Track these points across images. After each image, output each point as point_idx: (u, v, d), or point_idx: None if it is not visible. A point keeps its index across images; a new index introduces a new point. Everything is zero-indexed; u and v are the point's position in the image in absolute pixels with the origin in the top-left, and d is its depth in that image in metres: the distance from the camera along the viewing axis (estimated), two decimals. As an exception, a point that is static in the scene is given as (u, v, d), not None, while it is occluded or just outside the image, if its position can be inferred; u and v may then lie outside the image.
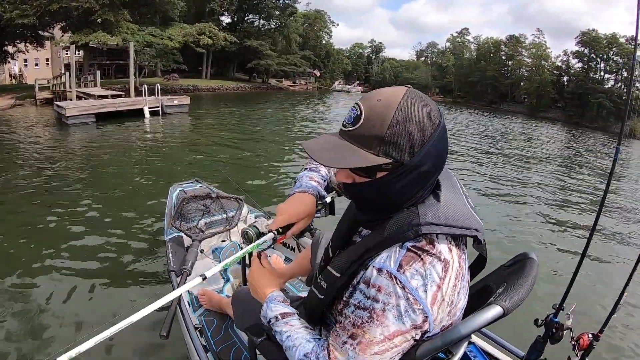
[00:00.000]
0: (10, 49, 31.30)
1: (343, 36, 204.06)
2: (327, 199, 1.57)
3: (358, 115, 1.01)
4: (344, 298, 1.16)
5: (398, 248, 1.03)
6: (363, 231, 1.26)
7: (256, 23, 55.40)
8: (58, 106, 16.46)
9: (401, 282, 0.98)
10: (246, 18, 54.13)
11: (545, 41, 69.16)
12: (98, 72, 26.35)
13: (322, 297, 1.24)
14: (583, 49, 62.36)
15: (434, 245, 1.02)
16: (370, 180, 1.05)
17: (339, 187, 1.56)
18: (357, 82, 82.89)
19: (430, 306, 0.99)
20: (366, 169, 1.03)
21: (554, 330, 2.01)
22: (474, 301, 1.25)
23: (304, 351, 1.15)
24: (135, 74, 25.70)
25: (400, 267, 0.99)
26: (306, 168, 1.63)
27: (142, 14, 32.28)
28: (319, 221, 1.54)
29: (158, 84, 20.70)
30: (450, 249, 1.04)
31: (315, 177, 1.57)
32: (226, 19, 53.33)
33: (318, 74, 70.78)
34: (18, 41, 29.63)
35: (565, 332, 1.98)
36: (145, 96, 18.80)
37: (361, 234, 1.26)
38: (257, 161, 11.50)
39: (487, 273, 1.46)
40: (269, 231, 1.37)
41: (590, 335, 1.92)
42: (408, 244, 1.02)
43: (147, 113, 18.27)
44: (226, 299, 2.63)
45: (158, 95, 19.39)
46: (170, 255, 3.02)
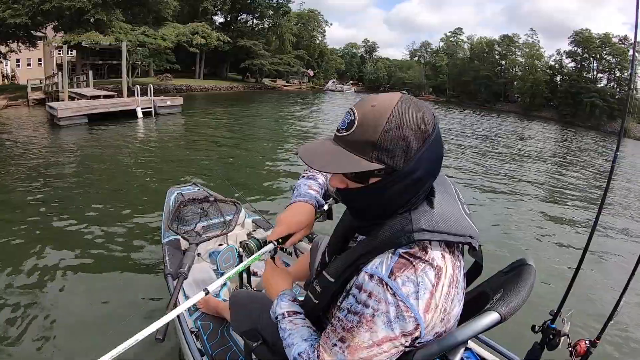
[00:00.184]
0: (2, 49, 30.90)
1: (337, 36, 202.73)
2: (325, 207, 1.55)
3: (352, 120, 1.01)
4: (338, 303, 1.18)
5: (390, 254, 1.03)
6: (359, 237, 1.25)
7: (249, 23, 55.18)
8: (50, 107, 16.33)
9: (392, 289, 0.97)
10: (239, 18, 53.87)
11: (538, 41, 69.38)
12: (91, 72, 26.13)
13: (317, 302, 1.26)
14: (576, 49, 62.42)
15: (427, 252, 1.02)
16: (363, 186, 1.05)
17: (336, 194, 1.53)
18: (351, 82, 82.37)
19: (422, 313, 0.98)
20: (359, 175, 1.04)
21: (551, 336, 2.02)
22: (471, 307, 1.26)
23: (299, 350, 1.17)
24: (128, 74, 25.51)
25: (391, 274, 0.99)
26: (304, 175, 1.62)
27: (135, 14, 32.02)
28: (318, 225, 1.58)
29: (151, 84, 20.56)
30: (443, 256, 1.04)
31: (313, 186, 1.56)
32: (219, 19, 53.07)
33: (312, 74, 70.29)
34: (10, 41, 29.21)
35: (562, 339, 1.99)
36: (137, 97, 18.63)
37: (357, 240, 1.26)
38: (252, 162, 11.51)
39: (484, 279, 1.47)
40: (269, 242, 1.36)
41: (587, 341, 1.95)
42: (400, 251, 1.02)
43: (140, 114, 18.13)
44: (223, 303, 2.61)
45: (151, 95, 19.24)
46: (167, 258, 2.98)
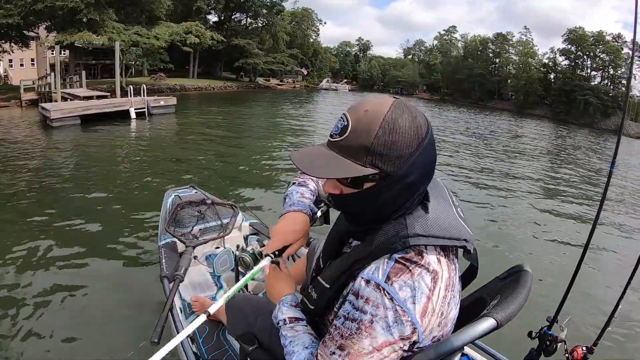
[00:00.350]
0: (-5, 50, 30.87)
1: (331, 34, 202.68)
2: (318, 214, 1.55)
3: (345, 125, 1.01)
4: (335, 309, 1.18)
5: (386, 260, 1.03)
6: (353, 242, 1.25)
7: (243, 21, 55.22)
8: (43, 108, 16.21)
9: (389, 294, 0.97)
10: (233, 17, 53.81)
11: (532, 39, 69.80)
12: (84, 73, 25.96)
13: (313, 308, 1.26)
14: (570, 47, 62.96)
15: (423, 256, 1.02)
16: (357, 191, 1.05)
17: (328, 200, 1.55)
18: (345, 81, 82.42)
19: (419, 318, 0.98)
20: (353, 180, 1.04)
21: (548, 342, 2.01)
22: (468, 313, 1.26)
23: (299, 358, 1.16)
24: (121, 74, 25.42)
25: (388, 279, 0.99)
26: (294, 182, 1.61)
27: (128, 13, 31.95)
28: (315, 229, 1.56)
29: (144, 84, 20.34)
30: (439, 260, 1.04)
31: (306, 193, 1.55)
32: (213, 18, 53.20)
33: (305, 73, 70.30)
34: (3, 41, 28.97)
35: (559, 345, 1.99)
36: (130, 97, 18.49)
37: (351, 245, 1.26)
38: (248, 162, 11.51)
39: (480, 283, 1.46)
40: (265, 255, 1.34)
41: (584, 348, 1.95)
42: (396, 256, 1.02)
43: (133, 114, 17.98)
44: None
45: (144, 95, 19.09)
46: (163, 260, 2.97)
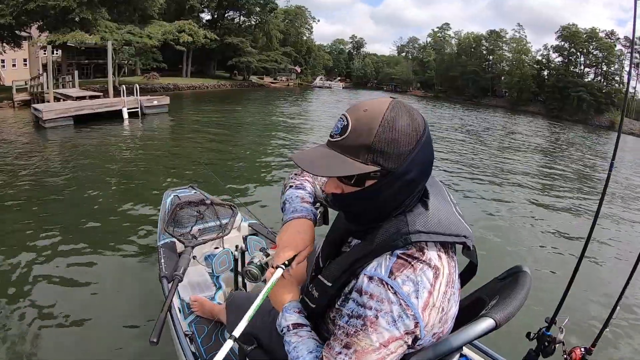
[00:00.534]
0: (-13, 50, 30.64)
1: (324, 32, 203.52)
2: (317, 212, 1.52)
3: (345, 125, 1.04)
4: (336, 306, 1.18)
5: (388, 256, 1.05)
6: (352, 241, 1.27)
7: (236, 20, 55.12)
8: (35, 109, 16.12)
9: (393, 288, 0.99)
10: (226, 15, 53.75)
11: (525, 36, 69.82)
12: (76, 73, 25.81)
13: (314, 306, 1.26)
14: (563, 43, 63.08)
15: (424, 252, 1.04)
16: (359, 189, 1.07)
17: (325, 200, 1.54)
18: (339, 78, 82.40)
19: (421, 312, 0.99)
20: (355, 178, 1.05)
21: (546, 343, 2.02)
22: (466, 313, 1.26)
23: None
24: (114, 74, 25.34)
25: (391, 274, 1.00)
26: (291, 185, 1.57)
27: (121, 12, 31.83)
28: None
29: (137, 84, 20.25)
30: (439, 256, 1.06)
31: (305, 197, 1.51)
32: (206, 16, 53.20)
33: (299, 71, 70.22)
34: (-6, 42, 29.08)
35: (557, 346, 1.99)
36: (123, 97, 18.35)
37: (350, 244, 1.27)
38: (243, 161, 11.52)
39: (480, 285, 1.47)
40: (277, 266, 1.29)
41: (582, 349, 1.95)
42: (398, 252, 1.04)
43: (126, 114, 17.87)
44: (218, 306, 2.62)
45: (137, 95, 19.01)
46: (162, 260, 3.00)
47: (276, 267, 1.28)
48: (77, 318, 3.79)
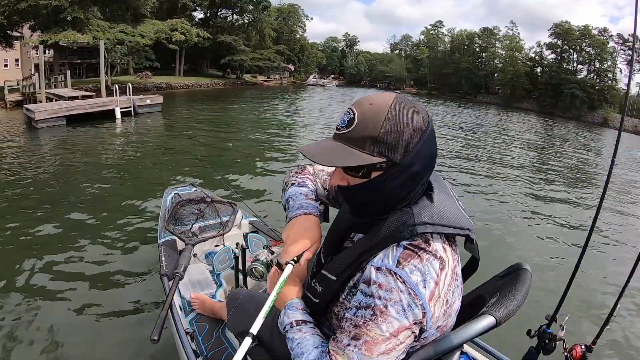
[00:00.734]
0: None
1: (317, 30, 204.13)
2: None
3: (352, 118, 1.05)
4: (340, 299, 1.18)
5: (394, 247, 1.06)
6: (355, 236, 1.27)
7: (229, 18, 54.86)
8: (27, 109, 16.07)
9: (401, 277, 0.99)
10: (219, 13, 53.40)
11: (518, 33, 70.14)
12: (68, 72, 25.73)
13: (318, 301, 1.25)
14: (556, 41, 63.30)
15: (429, 243, 1.05)
16: (365, 181, 1.09)
17: (327, 198, 1.56)
18: (332, 76, 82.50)
19: (428, 302, 1.00)
20: (361, 170, 1.07)
21: (547, 341, 2.02)
22: (467, 311, 1.26)
23: (310, 358, 1.13)
24: (106, 73, 25.22)
25: (398, 264, 1.01)
26: (293, 183, 1.56)
27: (113, 11, 31.76)
28: None
29: (129, 83, 20.19)
30: (444, 248, 1.07)
31: (309, 194, 1.51)
32: (199, 15, 52.80)
33: (292, 69, 70.18)
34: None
35: (558, 343, 1.99)
36: (116, 96, 18.25)
37: (352, 240, 1.28)
38: (240, 159, 11.52)
39: (480, 282, 1.47)
40: (286, 263, 1.28)
41: (583, 346, 1.95)
42: (404, 242, 1.05)
43: (119, 114, 17.78)
44: (219, 304, 2.60)
45: (130, 94, 18.95)
46: (162, 258, 2.99)
47: (286, 264, 1.28)
48: (78, 316, 3.80)
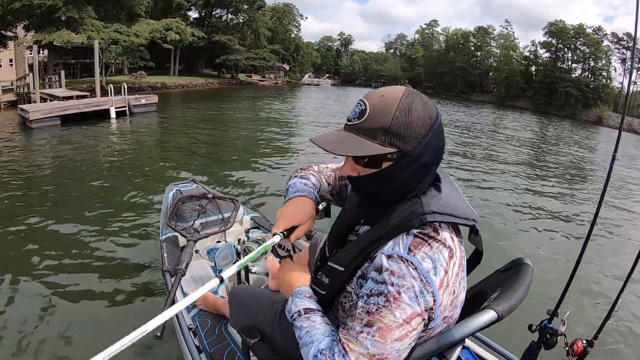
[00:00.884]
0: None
1: (312, 29, 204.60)
2: (320, 207, 1.55)
3: (363, 109, 1.08)
4: (348, 290, 1.19)
5: (405, 235, 1.08)
6: (360, 229, 1.29)
7: (224, 17, 54.91)
8: (21, 109, 15.97)
9: (413, 264, 1.01)
10: (214, 12, 53.52)
11: (513, 32, 70.47)
12: (63, 72, 25.64)
13: (324, 293, 1.26)
14: (551, 39, 63.69)
15: (438, 232, 1.07)
16: (375, 171, 1.11)
17: (330, 194, 1.60)
18: (327, 75, 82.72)
19: (438, 289, 1.02)
20: (372, 160, 1.09)
21: (548, 336, 2.01)
22: (469, 305, 1.27)
23: (320, 347, 1.11)
24: (101, 73, 25.17)
25: (410, 251, 1.03)
26: (296, 176, 1.60)
27: (108, 11, 31.72)
28: (316, 224, 1.54)
29: (124, 83, 20.13)
30: (452, 238, 1.10)
31: (308, 184, 1.54)
32: (193, 14, 52.77)
33: (287, 68, 70.21)
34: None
35: (559, 338, 1.99)
36: (111, 96, 18.19)
37: (358, 233, 1.29)
38: (237, 157, 11.50)
39: (481, 277, 1.49)
40: (274, 234, 1.32)
41: (584, 341, 1.93)
42: (414, 231, 1.07)
43: (114, 114, 17.69)
44: (221, 300, 2.62)
45: (124, 94, 18.88)
46: (165, 255, 3.01)
47: (273, 234, 1.32)
48: (80, 313, 3.79)
